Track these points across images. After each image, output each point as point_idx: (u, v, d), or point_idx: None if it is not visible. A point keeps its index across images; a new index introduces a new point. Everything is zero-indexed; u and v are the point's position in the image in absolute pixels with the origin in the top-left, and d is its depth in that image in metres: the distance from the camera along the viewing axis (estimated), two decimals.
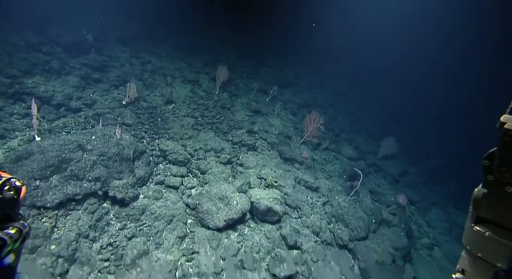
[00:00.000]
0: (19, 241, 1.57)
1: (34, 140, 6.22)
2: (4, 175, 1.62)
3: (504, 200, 1.25)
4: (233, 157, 9.50)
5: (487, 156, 1.22)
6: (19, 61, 8.41)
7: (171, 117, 10.11)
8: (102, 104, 9.15)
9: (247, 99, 12.86)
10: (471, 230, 1.41)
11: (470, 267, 1.48)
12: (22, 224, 1.63)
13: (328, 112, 17.33)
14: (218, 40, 17.76)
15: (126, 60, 11.88)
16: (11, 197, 1.58)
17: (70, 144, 6.25)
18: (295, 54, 22.29)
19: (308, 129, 11.08)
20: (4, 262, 1.50)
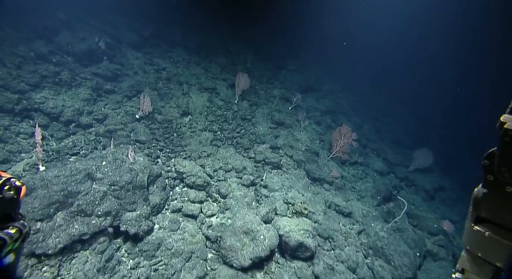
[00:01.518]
0: (19, 241, 1.56)
1: (37, 170, 5.51)
2: (4, 175, 1.60)
3: (504, 200, 1.24)
4: (256, 178, 8.55)
5: (487, 156, 1.21)
6: (27, 74, 7.75)
7: (188, 132, 9.26)
8: (114, 119, 8.39)
9: (269, 109, 11.86)
10: (471, 230, 1.40)
11: (470, 267, 1.47)
12: (22, 224, 1.62)
13: (353, 119, 16.10)
14: (235, 42, 16.80)
15: (139, 67, 11.12)
16: (11, 197, 1.58)
17: (77, 173, 5.47)
18: (313, 55, 21.10)
19: (337, 143, 9.97)
20: (4, 262, 1.49)
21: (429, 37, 30.83)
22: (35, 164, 6.32)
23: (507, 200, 1.24)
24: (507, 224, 1.30)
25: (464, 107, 27.63)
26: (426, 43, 31.28)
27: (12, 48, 7.93)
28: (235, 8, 18.29)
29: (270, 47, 18.02)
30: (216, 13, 16.99)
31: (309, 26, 22.40)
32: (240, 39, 17.10)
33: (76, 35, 9.52)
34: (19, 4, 8.71)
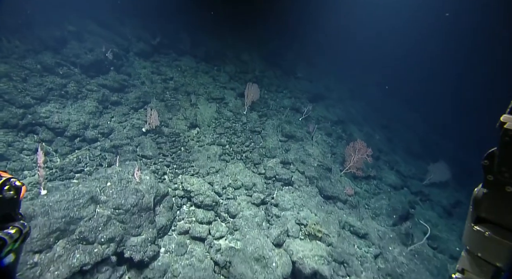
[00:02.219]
0: (19, 241, 1.55)
1: (39, 194, 5.22)
2: (4, 175, 1.60)
3: (504, 200, 1.24)
4: (267, 196, 8.14)
5: (487, 156, 1.21)
6: (33, 87, 7.54)
7: (196, 146, 8.92)
8: (120, 133, 8.11)
9: (279, 120, 11.47)
10: (471, 230, 1.39)
11: (470, 267, 1.46)
12: (22, 224, 1.62)
13: (364, 129, 15.61)
14: (245, 49, 16.50)
15: (146, 77, 10.87)
16: (11, 197, 1.57)
17: (80, 197, 5.16)
18: (322, 61, 20.70)
19: (351, 159, 9.51)
20: (4, 262, 1.48)
21: (443, 42, 30.24)
22: (37, 182, 6.05)
23: (507, 200, 1.24)
24: (507, 224, 1.30)
25: (478, 111, 26.87)
26: (439, 49, 30.70)
27: (19, 61, 7.74)
28: (245, 16, 18.03)
29: (279, 53, 17.68)
30: (225, 20, 16.76)
31: (320, 32, 22.04)
32: (249, 46, 16.80)
33: (83, 45, 9.32)
34: (30, 16, 8.55)
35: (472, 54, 28.64)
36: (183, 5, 14.98)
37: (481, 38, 27.59)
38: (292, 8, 21.25)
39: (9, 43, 7.82)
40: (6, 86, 7.05)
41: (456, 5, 24.95)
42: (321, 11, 22.35)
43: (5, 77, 7.20)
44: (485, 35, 26.94)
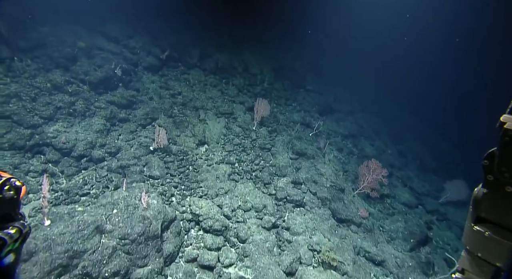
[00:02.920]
0: (19, 241, 1.55)
1: (42, 225, 5.00)
2: (4, 175, 1.59)
3: (504, 200, 1.24)
4: (278, 219, 7.78)
5: (487, 156, 1.21)
6: (42, 107, 7.45)
7: (204, 165, 8.67)
8: (127, 152, 7.92)
9: (289, 136, 11.17)
10: (471, 230, 1.40)
11: (470, 266, 1.46)
12: (22, 224, 1.61)
13: (375, 143, 15.16)
14: (253, 60, 16.37)
15: (155, 92, 10.75)
16: (11, 197, 1.56)
17: (85, 228, 4.91)
18: (331, 72, 20.45)
19: (365, 179, 9.11)
20: (4, 262, 1.48)
21: (443, 42, 29.69)
22: (41, 207, 5.84)
23: (507, 200, 1.24)
24: (507, 224, 1.30)
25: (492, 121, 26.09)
26: (439, 49, 30.12)
27: (29, 80, 7.69)
28: (254, 28, 18.00)
29: (288, 65, 17.48)
30: (234, 33, 16.72)
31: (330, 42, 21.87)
32: (257, 58, 16.67)
33: (93, 62, 9.27)
34: (42, 36, 8.56)
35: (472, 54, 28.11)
36: (192, 18, 15.01)
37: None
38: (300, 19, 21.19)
39: (20, 62, 7.79)
40: (16, 107, 6.96)
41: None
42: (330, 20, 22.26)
43: (15, 97, 7.13)
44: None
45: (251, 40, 17.45)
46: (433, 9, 26.58)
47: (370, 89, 22.28)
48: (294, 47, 19.20)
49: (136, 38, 12.33)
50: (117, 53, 10.63)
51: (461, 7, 24.90)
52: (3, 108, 6.75)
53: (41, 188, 6.50)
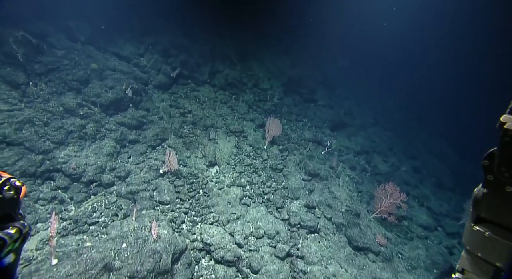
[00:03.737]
0: (19, 241, 1.55)
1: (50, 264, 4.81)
2: (4, 175, 1.60)
3: (504, 200, 1.24)
4: (292, 247, 7.43)
5: (487, 156, 1.21)
6: (53, 131, 7.41)
7: (215, 189, 8.43)
8: (137, 176, 7.76)
9: (301, 155, 10.87)
10: (471, 230, 1.40)
11: (470, 267, 1.46)
12: (22, 224, 1.60)
13: (389, 160, 14.68)
14: (264, 75, 16.29)
15: (165, 111, 10.68)
16: (11, 197, 1.57)
17: (93, 267, 4.70)
18: (342, 85, 20.20)
19: (382, 203, 8.69)
20: (4, 262, 1.47)
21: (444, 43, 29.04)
22: (49, 239, 5.67)
23: (507, 200, 1.23)
24: (507, 224, 1.29)
25: None
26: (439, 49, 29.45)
27: (43, 104, 7.70)
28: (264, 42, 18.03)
29: (298, 79, 17.31)
30: (244, 47, 16.74)
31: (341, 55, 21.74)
32: (267, 73, 16.59)
33: (104, 83, 9.27)
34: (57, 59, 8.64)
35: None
36: (202, 34, 15.10)
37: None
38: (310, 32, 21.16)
39: (35, 87, 7.83)
40: (28, 133, 6.93)
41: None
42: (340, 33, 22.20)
43: (28, 122, 7.11)
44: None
45: (261, 55, 17.44)
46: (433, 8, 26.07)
47: (381, 102, 21.89)
48: (304, 60, 19.09)
49: (147, 56, 12.40)
50: (128, 73, 10.65)
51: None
52: (17, 135, 6.72)
53: (50, 218, 6.37)
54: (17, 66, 7.94)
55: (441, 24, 27.23)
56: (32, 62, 8.31)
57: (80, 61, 9.35)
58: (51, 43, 9.35)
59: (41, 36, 9.23)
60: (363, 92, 21.87)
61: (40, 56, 8.71)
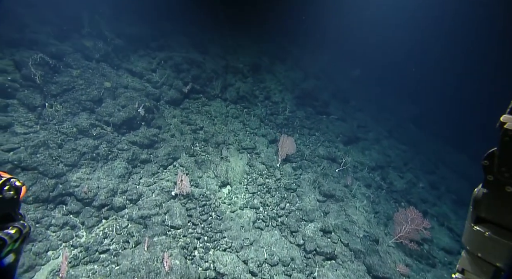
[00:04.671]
0: (19, 241, 1.55)
1: None
2: (4, 175, 1.60)
3: (504, 200, 1.25)
4: (308, 276, 7.07)
5: (487, 156, 1.21)
6: (67, 154, 7.39)
7: (228, 211, 8.19)
8: (149, 199, 7.62)
9: (315, 173, 10.54)
10: (471, 230, 1.40)
11: (470, 267, 1.46)
12: (22, 224, 1.60)
13: (405, 176, 14.13)
14: (275, 87, 16.14)
15: (176, 128, 10.60)
16: (11, 197, 1.58)
17: None
18: (355, 97, 19.82)
19: (402, 228, 8.24)
20: (4, 262, 1.48)
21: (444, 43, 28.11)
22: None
23: (507, 200, 1.23)
24: (507, 224, 1.29)
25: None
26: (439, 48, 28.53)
27: (57, 126, 7.72)
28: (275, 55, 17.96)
29: (310, 92, 17.07)
30: (256, 60, 16.67)
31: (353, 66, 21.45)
32: (279, 85, 16.43)
33: (117, 102, 9.28)
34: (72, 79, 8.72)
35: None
36: (215, 50, 15.15)
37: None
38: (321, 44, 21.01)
39: (51, 108, 7.87)
40: (42, 157, 6.92)
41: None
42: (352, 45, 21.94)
43: (43, 146, 7.11)
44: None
45: (273, 67, 17.34)
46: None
47: (395, 113, 21.35)
48: (316, 71, 18.88)
49: (160, 72, 12.43)
50: (140, 89, 10.67)
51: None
52: (31, 160, 6.71)
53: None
54: (35, 88, 8.03)
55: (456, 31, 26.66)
56: (48, 83, 8.40)
57: (94, 80, 9.41)
58: (68, 63, 9.47)
59: (58, 56, 9.37)
60: (376, 102, 21.43)
61: (57, 76, 8.81)
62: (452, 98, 26.81)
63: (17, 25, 9.95)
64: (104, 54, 10.87)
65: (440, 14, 25.43)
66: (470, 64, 26.86)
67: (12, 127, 7.20)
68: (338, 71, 20.99)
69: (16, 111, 7.52)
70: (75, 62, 9.67)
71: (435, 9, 24.83)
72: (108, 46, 11.29)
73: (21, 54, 8.42)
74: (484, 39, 25.93)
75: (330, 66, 20.70)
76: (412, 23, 25.31)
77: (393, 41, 25.95)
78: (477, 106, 26.60)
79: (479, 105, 26.44)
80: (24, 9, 10.68)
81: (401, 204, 11.84)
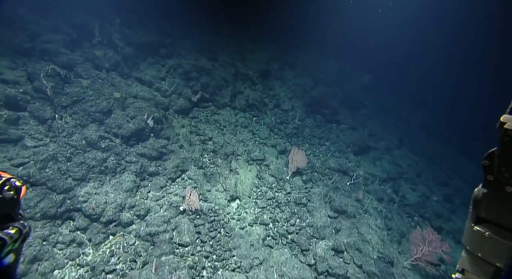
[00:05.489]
0: (19, 241, 1.55)
1: None
2: (4, 175, 1.60)
3: (504, 200, 1.25)
4: None
5: (487, 156, 1.22)
6: (75, 167, 7.32)
7: (237, 228, 7.98)
8: (157, 215, 7.47)
9: (325, 187, 10.25)
10: (471, 230, 1.41)
11: (470, 267, 1.46)
12: (22, 224, 1.61)
13: (418, 188, 13.68)
14: (287, 95, 15.91)
15: (185, 138, 10.46)
16: (11, 197, 1.58)
17: None
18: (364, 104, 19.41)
19: (418, 249, 7.88)
20: (4, 262, 1.48)
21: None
22: None
23: (507, 200, 1.23)
24: (507, 224, 1.29)
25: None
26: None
27: (67, 138, 7.66)
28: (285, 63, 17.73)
29: (319, 97, 16.75)
30: (266, 67, 16.48)
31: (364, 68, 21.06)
32: (288, 93, 16.19)
33: (126, 113, 9.20)
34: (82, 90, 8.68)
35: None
36: (224, 57, 15.01)
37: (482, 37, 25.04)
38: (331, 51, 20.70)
39: (61, 120, 7.81)
40: (51, 171, 6.85)
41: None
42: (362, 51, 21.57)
43: (52, 160, 7.05)
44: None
45: (282, 74, 17.11)
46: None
47: (405, 120, 20.87)
48: (326, 78, 18.57)
49: (169, 80, 12.35)
50: (149, 99, 10.57)
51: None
52: (40, 175, 6.64)
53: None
54: (45, 100, 8.00)
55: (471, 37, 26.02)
56: (59, 95, 8.36)
57: (104, 90, 9.35)
58: (78, 73, 9.44)
59: (69, 66, 9.35)
60: (386, 109, 20.99)
61: (67, 87, 8.78)
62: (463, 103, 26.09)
63: (29, 34, 10.00)
64: (114, 63, 10.83)
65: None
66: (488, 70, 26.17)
67: (22, 140, 7.15)
68: (348, 76, 20.62)
69: (27, 123, 7.49)
70: (86, 72, 9.64)
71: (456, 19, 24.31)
72: (118, 55, 11.25)
73: (33, 65, 8.41)
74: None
75: (340, 72, 20.36)
76: (430, 26, 24.80)
77: (393, 41, 25.40)
78: (490, 112, 25.76)
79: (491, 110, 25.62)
80: (36, 18, 10.74)
81: (414, 219, 11.46)
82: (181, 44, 14.21)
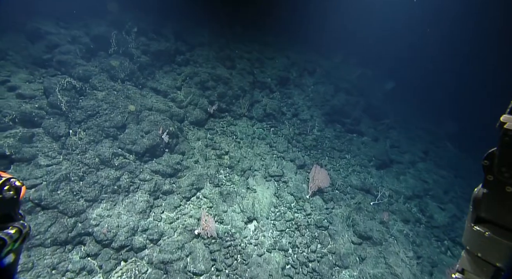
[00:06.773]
0: (19, 241, 1.54)
1: None
2: (4, 175, 1.59)
3: (504, 200, 1.24)
4: None
5: (487, 156, 1.21)
6: (88, 188, 7.03)
7: (254, 254, 7.45)
8: (170, 240, 7.06)
9: (348, 208, 9.56)
10: (471, 230, 1.40)
11: (470, 267, 1.45)
12: (22, 224, 1.59)
13: (447, 208, 12.66)
14: (305, 104, 15.26)
15: (200, 152, 10.05)
16: (11, 197, 1.56)
17: None
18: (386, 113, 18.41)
19: None
20: (4, 262, 1.47)
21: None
22: None
23: (507, 200, 1.23)
24: (507, 224, 1.28)
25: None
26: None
27: (80, 156, 7.39)
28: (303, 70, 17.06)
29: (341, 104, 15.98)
30: (285, 74, 15.89)
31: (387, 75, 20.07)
32: (307, 101, 15.52)
33: (141, 128, 8.87)
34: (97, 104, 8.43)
35: None
36: (242, 65, 14.54)
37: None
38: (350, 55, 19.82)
39: (74, 136, 7.57)
40: (64, 193, 6.59)
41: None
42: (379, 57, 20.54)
43: (64, 180, 6.79)
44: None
45: (301, 81, 16.46)
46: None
47: (430, 130, 19.68)
48: (346, 85, 17.75)
49: (185, 90, 12.00)
50: (164, 111, 10.23)
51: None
52: (52, 198, 6.38)
53: None
54: (60, 115, 7.80)
55: None
56: (73, 109, 8.14)
57: (119, 103, 9.07)
58: (94, 84, 9.23)
59: (84, 78, 9.16)
60: (411, 118, 19.89)
61: (82, 100, 8.56)
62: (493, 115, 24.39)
63: (47, 45, 9.90)
64: (129, 73, 10.58)
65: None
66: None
67: (36, 159, 6.94)
68: (371, 83, 19.67)
69: (41, 141, 7.29)
70: (101, 84, 9.41)
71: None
72: (134, 64, 11.01)
73: (49, 80, 8.22)
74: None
75: (362, 79, 19.45)
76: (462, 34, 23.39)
77: (419, 47, 24.10)
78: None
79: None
80: (56, 28, 10.66)
81: (444, 243, 10.56)
82: (199, 52, 13.83)
